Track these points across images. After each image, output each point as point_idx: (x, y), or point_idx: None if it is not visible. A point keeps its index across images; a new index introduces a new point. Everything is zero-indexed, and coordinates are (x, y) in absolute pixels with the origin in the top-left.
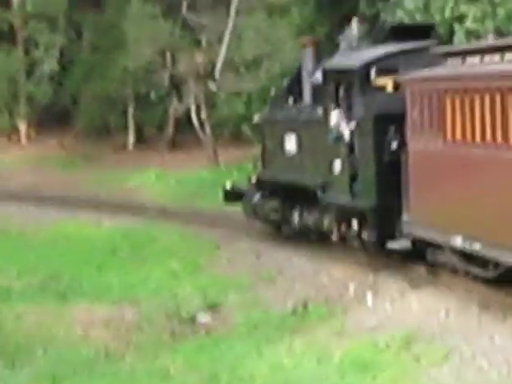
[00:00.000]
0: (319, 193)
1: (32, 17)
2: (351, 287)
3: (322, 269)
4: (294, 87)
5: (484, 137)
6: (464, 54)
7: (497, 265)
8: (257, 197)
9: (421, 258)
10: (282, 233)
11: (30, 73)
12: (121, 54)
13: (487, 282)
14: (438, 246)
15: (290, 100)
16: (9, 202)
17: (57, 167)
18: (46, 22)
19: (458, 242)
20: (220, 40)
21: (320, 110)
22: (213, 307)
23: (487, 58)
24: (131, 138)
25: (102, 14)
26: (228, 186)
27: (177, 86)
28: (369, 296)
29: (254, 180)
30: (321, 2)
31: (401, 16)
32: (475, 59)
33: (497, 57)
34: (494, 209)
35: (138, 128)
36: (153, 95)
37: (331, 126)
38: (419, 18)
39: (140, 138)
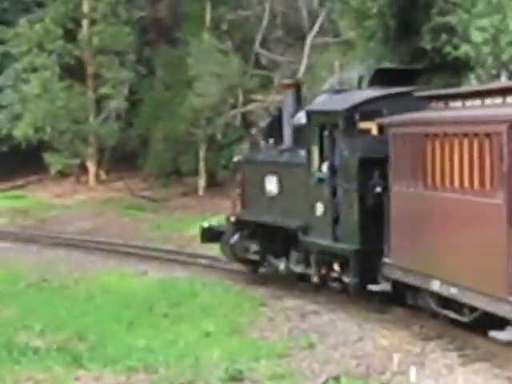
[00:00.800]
0: (300, 234)
1: (99, 51)
2: (395, 358)
3: (367, 335)
4: (275, 128)
5: (462, 182)
6: (446, 98)
7: (472, 309)
8: (236, 237)
9: (400, 301)
10: (258, 274)
11: (96, 110)
12: (190, 92)
13: (462, 325)
14: (417, 290)
15: (271, 141)
16: (59, 248)
17: (120, 211)
18: (114, 57)
19: (435, 286)
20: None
21: (302, 153)
22: (235, 379)
23: (468, 102)
24: (202, 182)
25: (174, 49)
26: (206, 225)
27: (249, 126)
28: (412, 370)
29: (232, 220)
30: (387, 36)
31: (466, 50)
32: (457, 104)
33: (478, 101)
34: (469, 254)
35: (209, 171)
36: (219, 137)
37: (313, 169)
38: (487, 51)
39: (212, 182)
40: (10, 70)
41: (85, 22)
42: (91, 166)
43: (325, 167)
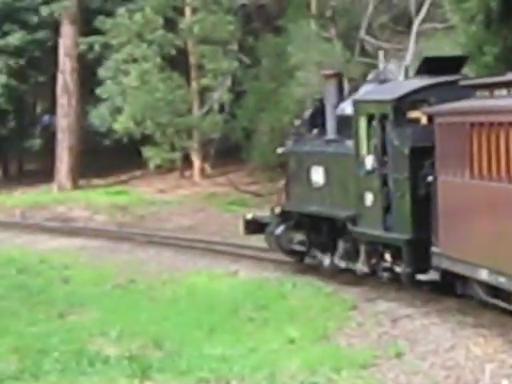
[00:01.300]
0: (349, 225)
1: (201, 41)
2: (488, 369)
3: (460, 343)
4: (317, 119)
5: (508, 171)
6: (491, 86)
7: None
8: (281, 228)
9: (450, 290)
10: (303, 264)
11: (199, 102)
12: (293, 81)
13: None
14: (466, 279)
15: (314, 132)
16: (151, 247)
17: (222, 207)
18: (216, 47)
19: (483, 275)
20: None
21: (349, 143)
22: None
23: None
24: None
25: (278, 37)
26: (249, 216)
27: None
28: (504, 383)
29: (277, 211)
30: (489, 18)
31: None
32: (502, 92)
33: None
34: None
35: None
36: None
37: (362, 159)
38: None
39: None
40: (110, 62)
41: (187, 11)
42: (196, 160)
43: (372, 158)
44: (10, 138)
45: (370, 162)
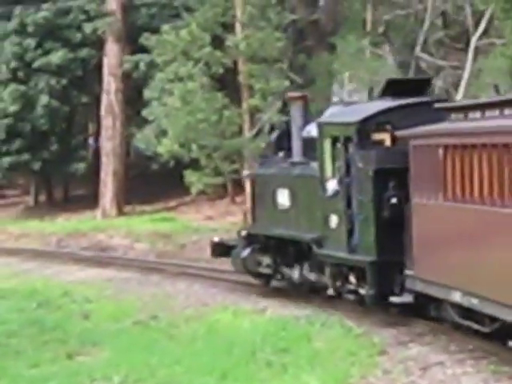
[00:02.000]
0: (314, 247)
1: (250, 59)
2: None
3: None
4: (283, 142)
5: (481, 193)
6: (466, 109)
7: (493, 320)
8: (247, 251)
9: (421, 313)
10: (270, 287)
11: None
12: None
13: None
14: (439, 301)
15: (280, 154)
16: (181, 279)
17: None
18: (265, 65)
19: (457, 297)
20: (457, 85)
21: (314, 165)
22: None
23: (487, 113)
24: None
25: (333, 55)
26: (216, 239)
27: None
28: None
29: (243, 234)
30: None
31: None
32: (476, 114)
33: (496, 112)
34: (490, 265)
35: None
36: None
37: (327, 182)
38: None
39: None
40: (155, 82)
41: (238, 27)
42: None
43: (336, 180)
44: (53, 162)
45: (334, 184)
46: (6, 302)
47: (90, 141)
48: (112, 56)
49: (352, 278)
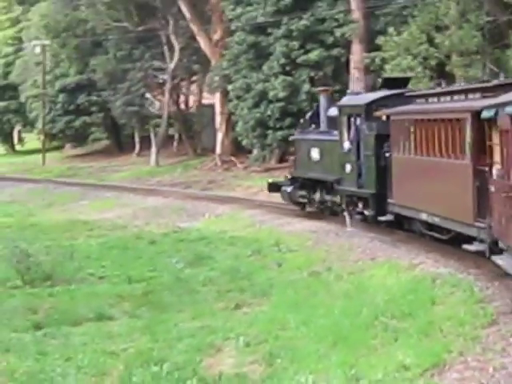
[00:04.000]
0: (335, 184)
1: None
2: None
3: None
4: (314, 119)
5: (440, 150)
6: (427, 96)
7: (449, 231)
8: (291, 187)
9: (399, 227)
10: (305, 210)
11: None
12: None
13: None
14: (411, 219)
15: (313, 126)
16: (373, 232)
17: None
18: (464, 57)
19: (423, 216)
20: None
21: (335, 133)
22: None
23: (442, 98)
24: None
25: None
26: (270, 181)
27: None
28: None
29: (289, 176)
30: None
31: None
32: (434, 99)
33: (448, 98)
34: (444, 196)
35: None
36: None
37: (345, 144)
38: None
39: None
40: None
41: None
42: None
43: (350, 142)
44: None
45: (348, 144)
46: (232, 248)
47: None
48: (356, 54)
49: (359, 204)
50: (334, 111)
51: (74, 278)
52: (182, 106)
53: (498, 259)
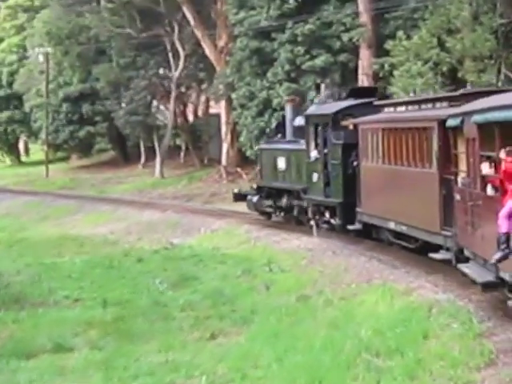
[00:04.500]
0: (302, 194)
1: (465, 57)
2: None
3: None
4: (280, 128)
5: (408, 159)
6: (395, 105)
7: (416, 240)
8: (256, 197)
9: (367, 235)
10: (270, 220)
11: None
12: None
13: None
14: (379, 228)
15: (278, 136)
16: (376, 252)
17: None
18: (477, 62)
19: (391, 225)
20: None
21: (302, 142)
22: None
23: (410, 107)
24: None
25: None
26: (236, 190)
27: None
28: None
29: (254, 186)
30: None
31: None
32: (402, 108)
33: (416, 107)
34: (411, 205)
35: None
36: None
37: (312, 153)
38: None
39: None
40: (393, 79)
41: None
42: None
43: (317, 151)
44: None
45: (315, 153)
46: (222, 267)
47: None
48: (364, 59)
49: (326, 214)
50: (300, 121)
51: (46, 300)
52: (190, 116)
53: (464, 267)
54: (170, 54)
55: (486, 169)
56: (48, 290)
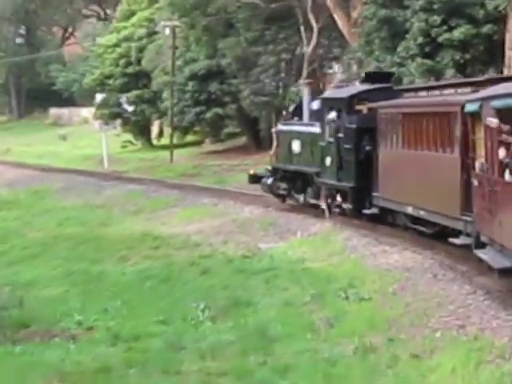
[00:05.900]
0: (315, 177)
1: None
2: None
3: None
4: (297, 111)
5: (428, 144)
6: (416, 90)
7: (434, 224)
8: (271, 179)
9: (383, 220)
10: (285, 203)
11: None
12: None
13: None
14: (396, 212)
15: (295, 119)
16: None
17: None
18: None
19: (409, 210)
20: None
21: (317, 125)
22: None
23: (431, 92)
24: None
25: None
26: (251, 172)
27: None
28: None
29: (269, 168)
30: None
31: None
32: (424, 93)
33: (437, 92)
34: (432, 189)
35: None
36: None
37: (325, 136)
38: None
39: None
40: None
41: None
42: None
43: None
44: None
45: (329, 137)
46: (293, 288)
47: None
48: None
49: (338, 198)
50: (316, 104)
51: (53, 327)
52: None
53: (481, 253)
54: (302, 28)
55: (503, 154)
56: (64, 312)
